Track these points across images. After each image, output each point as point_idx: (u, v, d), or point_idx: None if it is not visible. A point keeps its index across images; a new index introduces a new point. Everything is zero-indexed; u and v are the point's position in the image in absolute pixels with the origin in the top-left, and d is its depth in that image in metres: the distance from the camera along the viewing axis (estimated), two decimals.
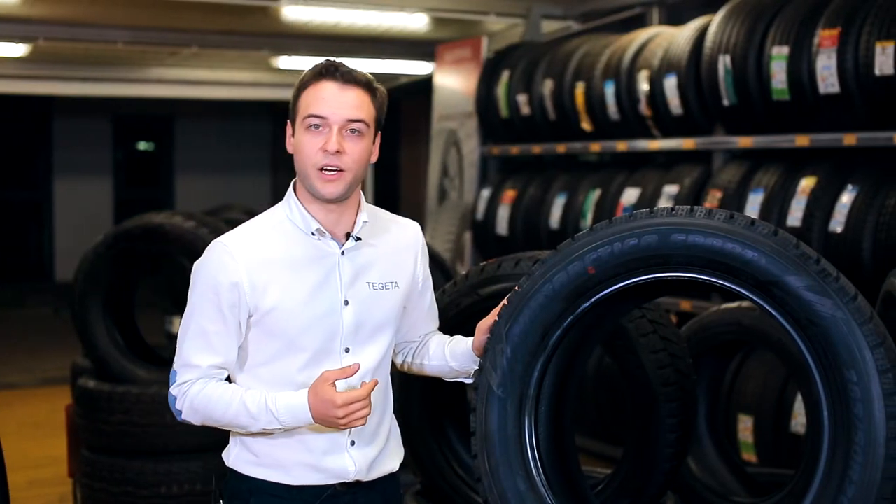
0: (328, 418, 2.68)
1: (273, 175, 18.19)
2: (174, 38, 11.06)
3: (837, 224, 5.68)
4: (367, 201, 2.93)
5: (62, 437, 6.40)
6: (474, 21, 10.17)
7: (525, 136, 8.70)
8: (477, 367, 2.91)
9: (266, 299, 2.75)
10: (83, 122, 16.79)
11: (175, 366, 2.83)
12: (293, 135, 2.82)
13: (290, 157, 2.84)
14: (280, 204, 2.90)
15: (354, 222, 2.86)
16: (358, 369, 2.74)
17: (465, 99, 9.75)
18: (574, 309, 2.72)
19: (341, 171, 2.75)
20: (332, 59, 2.84)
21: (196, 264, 2.83)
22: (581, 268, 2.68)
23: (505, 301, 2.80)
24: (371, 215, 2.91)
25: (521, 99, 8.49)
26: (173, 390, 2.83)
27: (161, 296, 10.51)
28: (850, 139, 5.80)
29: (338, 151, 2.73)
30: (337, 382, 2.69)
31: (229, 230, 2.91)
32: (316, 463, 2.83)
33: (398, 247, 2.96)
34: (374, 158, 2.87)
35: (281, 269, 2.78)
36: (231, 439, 2.93)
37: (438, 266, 5.82)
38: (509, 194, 8.56)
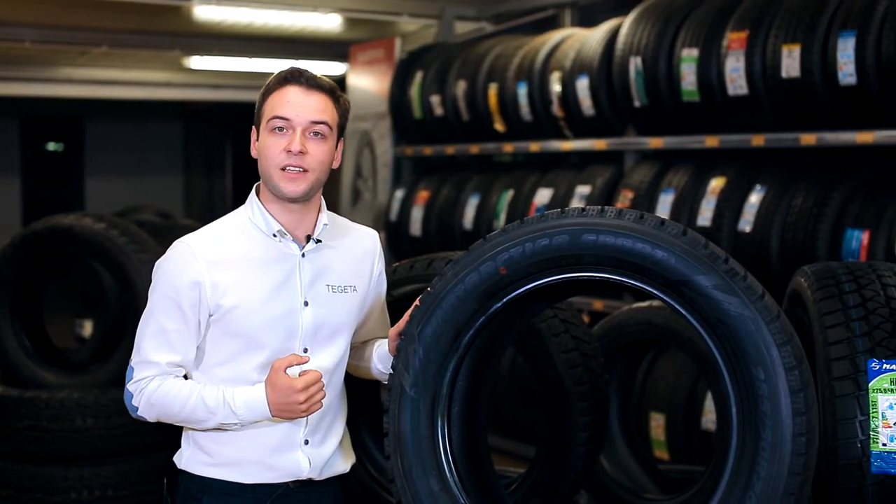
0: (288, 406, 2.72)
1: (185, 177, 18.01)
2: (84, 37, 10.91)
3: (746, 224, 5.76)
4: None
5: None
6: (387, 22, 10.17)
7: (438, 136, 8.71)
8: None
9: (227, 298, 2.79)
10: None
11: (132, 362, 2.85)
12: (258, 139, 2.87)
13: (201, 158, 2.84)
14: (242, 206, 2.95)
15: (315, 225, 2.91)
16: (308, 360, 2.79)
17: (379, 100, 9.74)
18: (486, 309, 2.73)
19: (304, 171, 2.80)
20: (296, 66, 2.92)
21: (157, 263, 2.88)
22: (493, 268, 2.69)
23: (417, 302, 2.80)
24: (330, 219, 2.97)
25: (435, 100, 8.49)
26: (130, 386, 2.84)
27: (70, 299, 10.35)
28: (758, 140, 5.88)
29: (301, 152, 2.78)
30: (289, 372, 2.74)
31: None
32: (270, 461, 2.85)
33: (357, 252, 3.02)
34: (336, 164, 2.92)
35: (242, 268, 2.83)
36: (183, 442, 2.95)
37: None
38: (423, 195, 8.56)
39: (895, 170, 5.60)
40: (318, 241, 2.91)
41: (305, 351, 2.86)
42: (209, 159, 17.54)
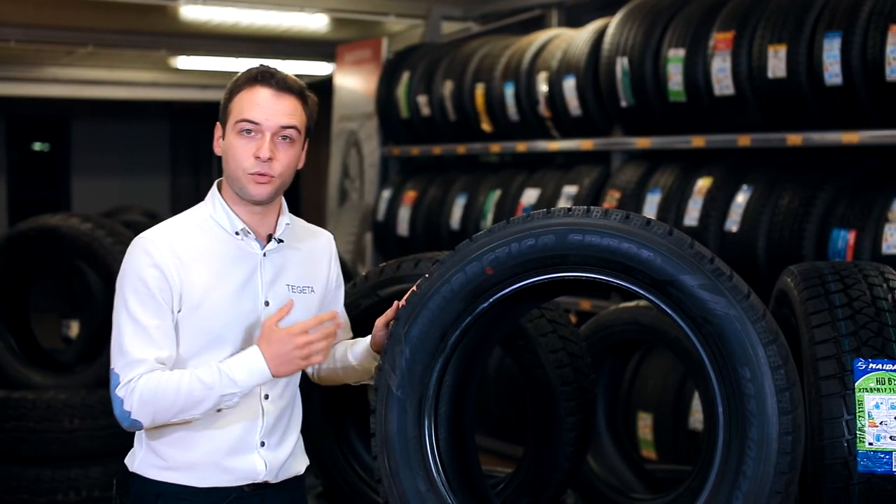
0: (287, 356, 2.69)
1: (171, 176, 17.98)
2: (70, 36, 10.89)
3: (733, 223, 5.77)
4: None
5: None
6: (374, 22, 10.17)
7: (425, 136, 8.71)
8: (378, 366, 2.91)
9: (191, 295, 2.76)
10: None
11: (116, 369, 2.74)
12: (223, 137, 2.83)
13: (188, 158, 2.82)
14: (203, 203, 2.91)
15: (276, 224, 2.89)
16: (293, 305, 2.78)
17: (366, 100, 9.74)
18: (473, 309, 2.73)
19: (272, 176, 2.77)
20: (265, 65, 2.89)
21: (121, 266, 2.81)
22: (479, 268, 2.68)
23: (404, 302, 2.80)
24: (290, 219, 2.94)
25: (422, 100, 8.49)
26: (118, 392, 2.72)
27: (57, 299, 10.32)
28: (744, 140, 5.89)
29: (270, 158, 2.75)
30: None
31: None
32: (225, 463, 2.81)
33: (314, 253, 2.99)
34: (301, 164, 2.90)
35: (205, 265, 2.79)
36: (136, 443, 2.89)
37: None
38: (410, 195, 8.56)
39: (881, 170, 5.61)
40: (280, 240, 2.89)
41: None
42: (196, 159, 17.51)
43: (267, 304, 2.84)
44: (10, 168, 17.19)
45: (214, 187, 2.91)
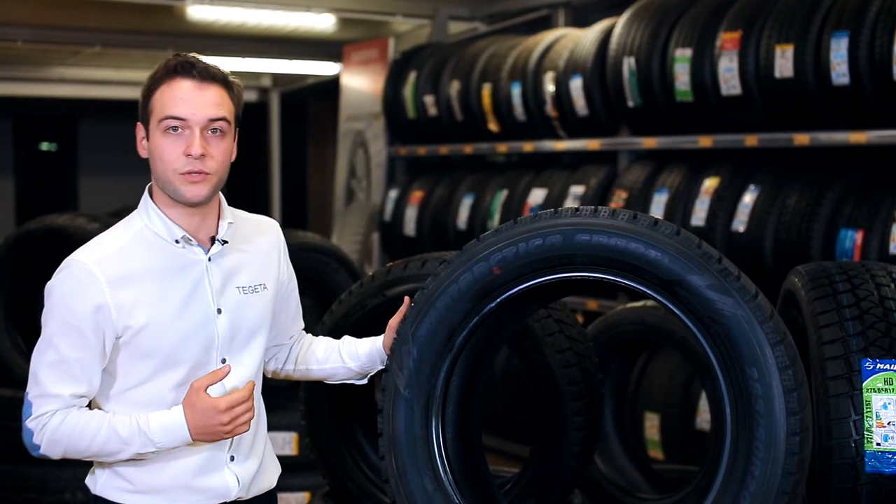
0: (210, 428, 2.54)
1: None
2: (77, 36, 10.89)
3: (740, 223, 5.77)
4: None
5: None
6: (381, 22, 10.17)
7: (432, 136, 8.71)
8: (381, 368, 2.90)
9: (135, 317, 2.56)
10: None
11: (30, 396, 2.59)
12: (146, 138, 2.63)
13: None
14: (135, 213, 2.71)
15: (217, 225, 2.71)
16: (229, 371, 2.61)
17: (373, 100, 9.74)
18: (480, 309, 2.73)
19: (206, 174, 2.58)
20: (183, 54, 2.67)
21: (49, 286, 2.61)
22: (486, 268, 2.68)
23: (411, 301, 2.80)
24: (233, 216, 2.77)
25: (428, 100, 8.49)
26: (29, 423, 2.58)
27: None
28: (751, 140, 5.89)
29: (203, 155, 2.56)
30: (210, 389, 2.57)
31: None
32: (195, 483, 2.67)
33: (262, 247, 2.82)
34: (233, 157, 2.69)
35: (147, 282, 2.59)
36: (96, 464, 2.73)
37: (346, 267, 5.80)
38: (417, 195, 8.57)
39: (888, 170, 5.61)
40: (224, 241, 2.70)
41: (224, 362, 2.68)
42: None
43: (219, 311, 2.67)
44: (18, 168, 17.20)
45: (146, 194, 2.70)
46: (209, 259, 2.68)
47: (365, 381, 3.00)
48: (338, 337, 3.04)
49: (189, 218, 2.65)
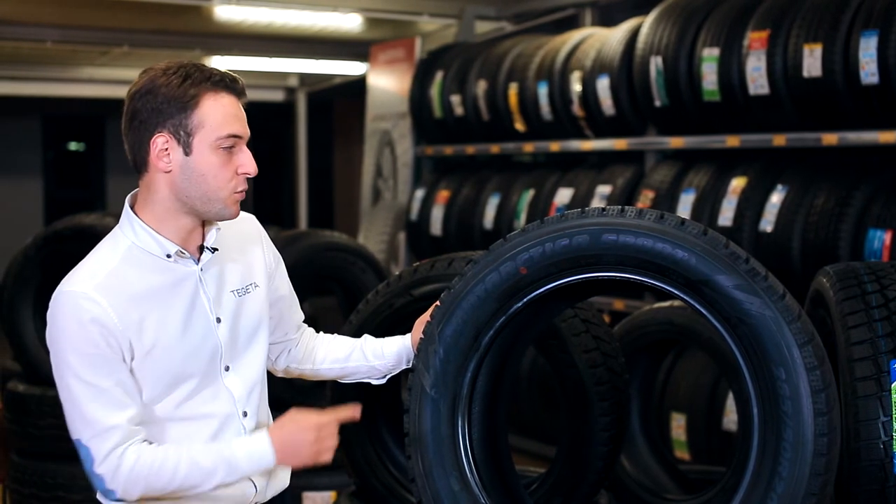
0: (297, 448, 2.53)
1: None
2: (105, 37, 10.96)
3: (767, 223, 5.75)
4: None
5: None
6: (408, 21, 10.18)
7: (459, 136, 8.71)
8: (406, 367, 2.90)
9: (143, 340, 2.49)
10: (12, 122, 16.56)
11: (84, 440, 2.47)
12: (182, 151, 2.50)
13: None
14: (121, 229, 2.59)
15: (203, 233, 2.63)
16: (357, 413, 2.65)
17: (399, 99, 9.75)
18: (506, 309, 2.72)
19: (245, 191, 2.58)
20: (199, 63, 2.61)
21: (52, 328, 2.49)
22: (513, 268, 2.68)
23: (438, 301, 2.80)
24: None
25: (455, 99, 8.50)
26: (98, 470, 2.48)
27: None
28: (779, 140, 5.87)
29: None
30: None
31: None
32: (214, 492, 2.58)
33: (245, 244, 2.75)
34: None
35: (146, 304, 2.51)
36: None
37: (372, 267, 5.81)
38: (443, 195, 8.57)
39: None
40: (215, 249, 2.63)
41: (227, 369, 2.64)
42: None
43: (219, 320, 2.62)
44: (46, 168, 17.31)
45: (128, 210, 2.59)
46: (201, 269, 2.61)
47: (383, 381, 2.99)
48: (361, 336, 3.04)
49: (182, 231, 2.58)
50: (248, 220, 2.81)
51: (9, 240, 12.14)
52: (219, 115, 2.51)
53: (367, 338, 2.99)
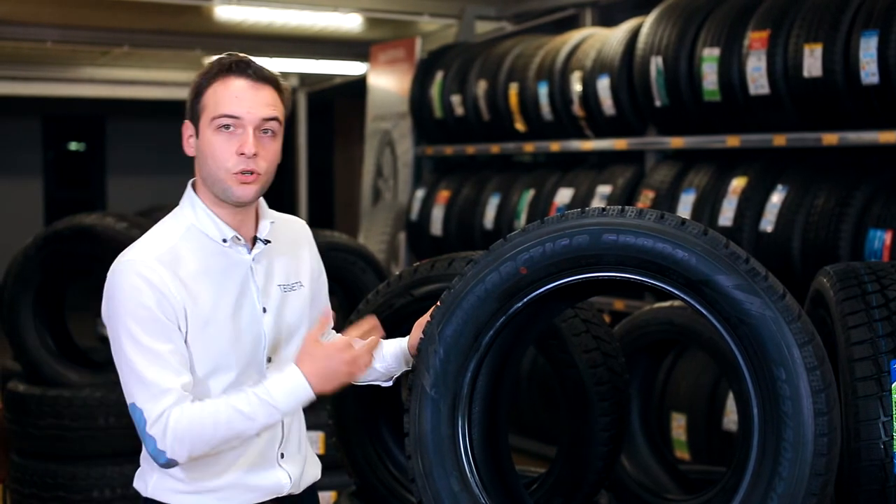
0: (333, 372, 2.55)
1: None
2: (105, 37, 10.96)
3: (768, 223, 5.75)
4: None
5: None
6: (408, 21, 10.19)
7: (459, 136, 8.71)
8: (407, 370, 2.90)
9: (195, 317, 2.56)
10: (12, 122, 16.56)
11: (139, 403, 2.50)
12: (195, 135, 2.64)
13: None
14: (182, 210, 2.69)
15: (256, 225, 2.71)
16: (331, 318, 2.71)
17: (399, 99, 9.75)
18: (507, 309, 2.72)
19: (258, 174, 2.59)
20: (235, 53, 2.66)
21: (110, 288, 2.57)
22: (513, 268, 2.68)
23: (438, 301, 2.79)
24: (271, 216, 2.78)
25: (455, 99, 8.50)
26: (150, 431, 2.50)
27: (92, 298, 10.38)
28: (779, 140, 5.87)
29: (255, 154, 2.57)
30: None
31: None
32: (249, 481, 2.68)
33: (295, 245, 2.83)
34: (279, 159, 2.70)
35: (201, 283, 2.58)
36: (145, 464, 2.73)
37: (372, 267, 5.81)
38: (443, 195, 8.57)
39: None
40: (267, 241, 2.70)
41: (269, 360, 2.69)
42: None
43: (265, 310, 2.68)
44: (46, 168, 17.31)
45: (190, 191, 2.70)
46: (253, 259, 2.68)
47: (390, 384, 3.00)
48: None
49: (233, 217, 2.66)
50: (300, 224, 2.90)
51: (9, 240, 12.12)
52: (220, 97, 2.59)
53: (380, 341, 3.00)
